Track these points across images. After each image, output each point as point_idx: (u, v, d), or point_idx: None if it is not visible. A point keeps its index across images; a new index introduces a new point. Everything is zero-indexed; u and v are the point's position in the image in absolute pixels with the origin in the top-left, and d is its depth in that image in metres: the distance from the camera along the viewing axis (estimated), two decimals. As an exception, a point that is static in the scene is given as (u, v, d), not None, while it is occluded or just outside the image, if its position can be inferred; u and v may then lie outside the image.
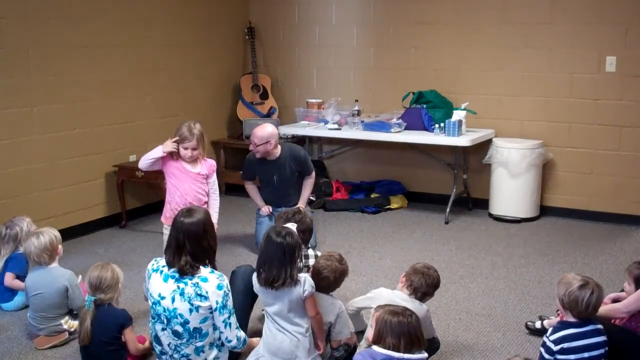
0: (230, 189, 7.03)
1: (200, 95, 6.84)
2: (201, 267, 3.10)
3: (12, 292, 4.16)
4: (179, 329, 3.08)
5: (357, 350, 3.18)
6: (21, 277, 4.08)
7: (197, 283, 3.05)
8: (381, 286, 3.64)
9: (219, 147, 7.04)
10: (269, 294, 3.11)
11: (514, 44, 6.13)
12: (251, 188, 5.35)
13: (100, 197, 5.85)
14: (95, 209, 5.81)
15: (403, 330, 2.76)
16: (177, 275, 3.08)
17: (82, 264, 4.80)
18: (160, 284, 3.11)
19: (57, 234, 3.85)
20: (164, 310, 3.09)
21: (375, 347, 2.79)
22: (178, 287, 3.06)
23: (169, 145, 4.27)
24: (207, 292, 3.04)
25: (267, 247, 3.11)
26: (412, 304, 3.20)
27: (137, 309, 4.05)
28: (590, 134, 5.98)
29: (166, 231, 4.24)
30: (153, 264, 3.20)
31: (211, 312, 3.07)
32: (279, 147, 5.20)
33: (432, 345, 3.40)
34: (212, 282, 3.06)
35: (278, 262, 3.06)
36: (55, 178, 5.42)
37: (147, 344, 3.50)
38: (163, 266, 3.15)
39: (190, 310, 3.04)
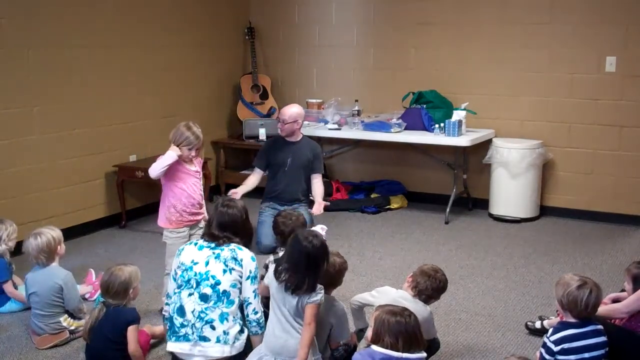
0: (230, 189, 7.02)
1: (200, 95, 6.83)
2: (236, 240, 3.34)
3: (6, 297, 4.15)
4: (208, 291, 3.21)
5: (357, 350, 3.17)
6: (4, 282, 4.11)
7: (234, 249, 3.29)
8: (381, 286, 3.63)
9: (218, 147, 7.04)
10: (282, 291, 3.07)
11: (514, 44, 6.13)
12: (250, 179, 5.37)
13: (100, 197, 5.85)
14: (95, 209, 5.81)
15: (401, 330, 2.76)
16: (212, 244, 3.31)
17: (82, 264, 4.81)
18: (194, 252, 3.31)
19: (57, 234, 3.83)
20: (195, 274, 3.24)
21: (374, 347, 2.79)
22: (214, 252, 3.28)
23: (177, 150, 4.10)
24: (242, 259, 3.26)
25: (293, 249, 3.05)
26: (415, 305, 3.19)
27: (137, 309, 4.04)
28: (590, 134, 5.98)
29: (172, 235, 4.11)
30: (185, 244, 3.47)
31: (240, 282, 3.25)
32: (301, 133, 5.40)
33: (432, 345, 3.39)
34: (246, 252, 3.31)
35: (304, 269, 2.99)
36: (55, 178, 5.42)
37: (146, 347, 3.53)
38: (197, 240, 3.37)
39: (224, 271, 3.24)
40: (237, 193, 5.11)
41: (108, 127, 5.84)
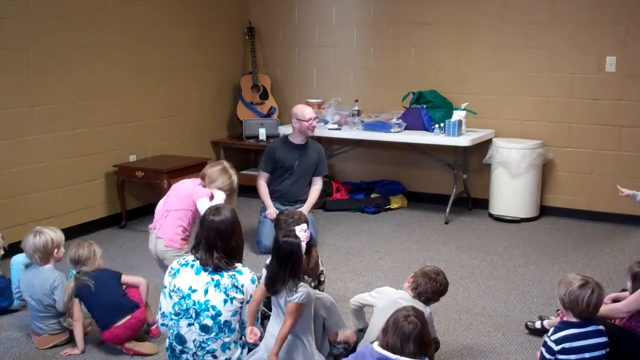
0: (230, 189, 7.03)
1: (200, 95, 6.83)
2: (233, 261, 3.19)
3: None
4: (209, 322, 3.10)
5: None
6: None
7: (234, 275, 3.13)
8: (381, 286, 3.63)
9: (219, 147, 7.03)
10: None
11: (514, 44, 6.13)
12: (263, 186, 5.35)
13: (100, 197, 5.85)
14: (95, 209, 5.81)
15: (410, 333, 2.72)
16: (210, 269, 3.15)
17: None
18: (191, 277, 3.14)
19: (57, 236, 3.78)
20: (194, 304, 3.11)
21: (375, 346, 2.78)
22: (212, 279, 3.12)
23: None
24: (242, 285, 3.13)
25: (273, 249, 3.10)
26: (415, 306, 3.19)
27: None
28: (590, 134, 5.98)
29: (181, 253, 3.96)
30: (179, 261, 3.24)
31: (241, 307, 3.13)
32: None
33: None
34: (246, 276, 3.16)
35: (276, 268, 3.02)
36: (55, 178, 5.41)
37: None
38: (193, 260, 3.19)
39: (225, 301, 3.09)
40: (271, 213, 5.12)
41: (108, 127, 5.84)
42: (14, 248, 4.69)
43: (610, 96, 5.85)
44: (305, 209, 5.16)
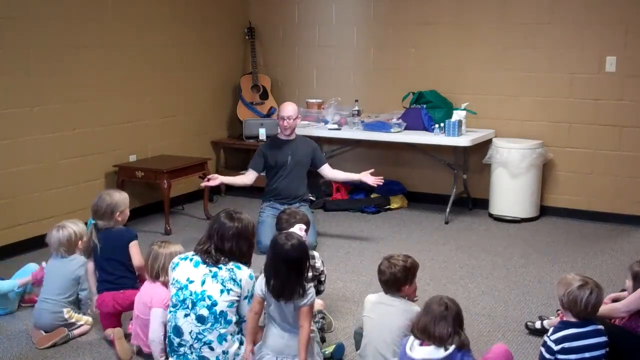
0: (230, 189, 7.03)
1: (200, 95, 6.83)
2: (224, 259, 3.20)
3: None
4: (205, 312, 3.13)
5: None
6: None
7: (232, 269, 3.18)
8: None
9: (218, 147, 7.04)
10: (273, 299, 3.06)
11: (514, 44, 6.13)
12: (242, 176, 5.45)
13: (100, 197, 5.83)
14: (95, 209, 5.80)
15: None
16: (207, 262, 3.20)
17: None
18: (189, 269, 3.21)
19: (80, 229, 3.92)
20: (191, 294, 3.15)
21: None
22: (210, 270, 3.17)
23: None
24: (240, 280, 3.16)
25: (272, 255, 3.03)
26: (402, 304, 3.17)
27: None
28: (590, 134, 5.98)
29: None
30: (180, 256, 3.32)
31: (238, 301, 3.17)
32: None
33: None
34: (244, 271, 3.20)
35: (286, 274, 2.97)
36: (55, 178, 5.41)
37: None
38: (193, 254, 3.26)
39: (222, 291, 3.12)
40: (217, 178, 5.20)
41: (108, 127, 5.84)
42: (14, 248, 4.71)
43: (610, 96, 5.85)
44: (354, 177, 5.40)
